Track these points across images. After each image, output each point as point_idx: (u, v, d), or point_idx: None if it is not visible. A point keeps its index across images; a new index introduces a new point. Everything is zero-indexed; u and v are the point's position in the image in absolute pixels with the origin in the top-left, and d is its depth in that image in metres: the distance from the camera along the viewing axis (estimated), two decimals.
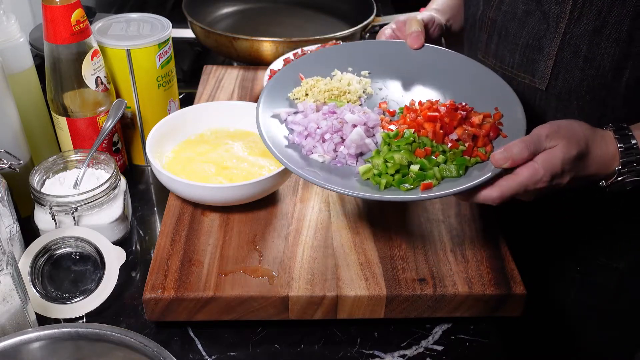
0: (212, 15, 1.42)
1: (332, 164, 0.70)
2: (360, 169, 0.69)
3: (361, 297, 0.70)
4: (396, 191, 0.65)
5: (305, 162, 0.69)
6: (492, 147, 0.70)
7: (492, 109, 0.75)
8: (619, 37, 0.72)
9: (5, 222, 0.70)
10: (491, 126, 0.71)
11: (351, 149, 0.69)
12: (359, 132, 0.70)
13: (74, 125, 0.85)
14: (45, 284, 0.73)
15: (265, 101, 0.76)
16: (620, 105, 0.77)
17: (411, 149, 0.69)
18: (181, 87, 1.06)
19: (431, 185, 0.65)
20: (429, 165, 0.67)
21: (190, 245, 0.75)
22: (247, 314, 0.70)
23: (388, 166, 0.68)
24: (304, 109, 0.76)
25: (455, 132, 0.70)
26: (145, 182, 0.97)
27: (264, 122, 0.72)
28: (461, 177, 0.67)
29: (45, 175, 0.80)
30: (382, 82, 0.84)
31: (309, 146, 0.71)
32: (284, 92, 0.79)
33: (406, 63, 0.83)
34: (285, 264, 0.73)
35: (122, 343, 0.54)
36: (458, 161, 0.68)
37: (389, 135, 0.71)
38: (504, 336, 0.73)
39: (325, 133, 0.71)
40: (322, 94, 0.78)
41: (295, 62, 0.82)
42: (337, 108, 0.75)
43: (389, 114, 0.78)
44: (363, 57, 0.84)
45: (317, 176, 0.66)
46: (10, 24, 0.80)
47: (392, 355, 0.70)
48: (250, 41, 1.16)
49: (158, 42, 0.89)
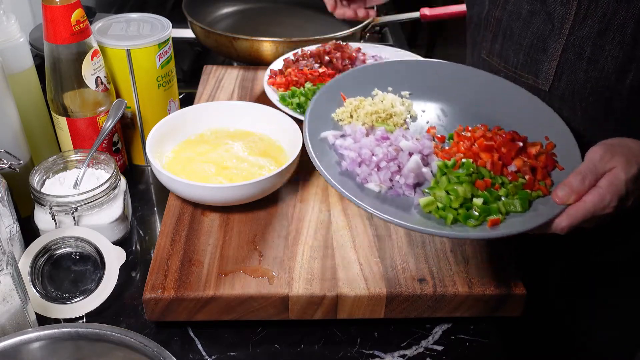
0: (212, 15, 1.42)
1: (389, 194, 0.67)
2: (421, 201, 0.66)
3: (361, 297, 0.70)
4: (463, 227, 0.62)
5: (361, 191, 0.66)
6: (552, 181, 0.68)
7: (540, 137, 0.73)
8: (623, 39, 0.72)
9: (5, 222, 0.70)
10: (547, 158, 0.69)
11: (409, 178, 0.67)
12: (416, 161, 0.68)
13: (74, 125, 0.85)
14: (45, 284, 0.73)
15: (311, 122, 0.71)
16: (624, 108, 0.76)
17: (471, 180, 0.66)
18: (181, 87, 1.06)
19: (498, 221, 0.63)
20: (491, 198, 0.65)
21: (190, 245, 0.75)
22: (247, 314, 0.70)
23: (452, 199, 0.65)
24: (352, 132, 0.73)
25: (514, 164, 0.68)
26: (145, 182, 0.97)
27: (313, 146, 0.68)
28: (526, 211, 0.65)
29: (45, 175, 0.80)
30: (423, 103, 0.81)
31: (364, 174, 0.68)
32: (326, 112, 0.76)
33: (445, 84, 0.81)
34: (285, 264, 0.73)
35: (122, 343, 0.54)
36: (521, 195, 0.66)
37: (446, 165, 0.69)
38: (504, 336, 0.73)
39: (381, 161, 0.68)
40: (368, 117, 0.76)
41: (334, 80, 0.79)
42: (388, 133, 0.72)
43: (439, 139, 0.75)
44: (402, 76, 0.82)
45: (381, 209, 0.62)
46: (10, 24, 0.80)
47: (392, 355, 0.70)
48: (250, 41, 1.16)
49: (158, 42, 0.89)
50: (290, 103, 1.00)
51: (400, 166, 0.68)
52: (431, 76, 0.82)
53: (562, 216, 0.62)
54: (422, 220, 0.64)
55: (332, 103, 0.77)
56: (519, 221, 0.63)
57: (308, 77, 1.04)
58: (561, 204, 0.63)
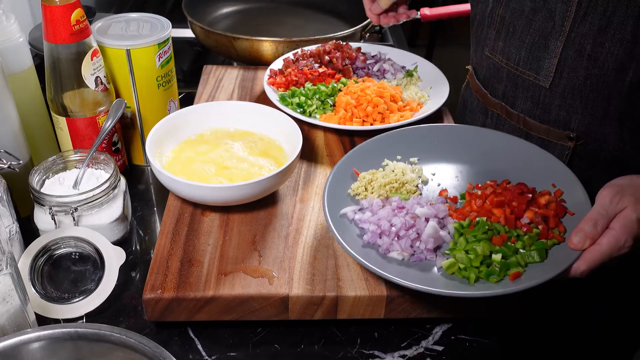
0: (212, 15, 1.42)
1: (412, 261, 0.70)
2: (443, 264, 0.68)
3: (361, 297, 0.69)
4: (487, 284, 0.65)
5: (386, 261, 0.69)
6: (564, 227, 0.70)
7: (546, 185, 0.75)
8: (623, 37, 0.72)
9: (4, 222, 0.70)
10: (557, 205, 0.71)
11: (429, 243, 0.70)
12: (434, 227, 0.71)
13: (74, 125, 0.85)
14: (44, 284, 0.73)
15: (329, 201, 0.75)
16: (624, 105, 0.77)
17: (487, 237, 0.69)
18: (181, 87, 1.06)
19: (519, 274, 0.65)
20: (509, 252, 0.67)
21: (190, 245, 0.75)
22: (247, 314, 0.70)
23: (472, 258, 0.67)
24: (369, 205, 0.76)
25: (526, 216, 0.71)
26: (145, 182, 0.96)
27: (334, 223, 0.72)
28: (544, 260, 0.67)
29: (44, 175, 0.80)
30: (433, 166, 0.84)
31: (385, 245, 0.71)
32: (342, 188, 0.79)
33: (450, 145, 0.85)
34: (285, 264, 0.73)
35: (122, 343, 0.54)
36: (537, 245, 0.68)
37: (462, 225, 0.71)
38: (504, 336, 0.73)
39: (400, 230, 0.71)
40: (382, 188, 0.79)
41: (345, 157, 0.82)
42: (403, 202, 0.76)
43: (451, 200, 0.78)
44: (409, 142, 0.86)
45: (407, 276, 0.65)
46: (10, 24, 0.80)
47: (392, 355, 0.70)
48: (250, 41, 1.16)
49: (158, 42, 0.89)
50: (290, 103, 1.00)
51: (419, 233, 0.71)
52: (436, 139, 0.86)
53: (579, 261, 0.64)
54: (446, 282, 0.66)
55: (346, 179, 0.81)
56: (538, 271, 0.65)
57: (308, 77, 1.05)
58: (578, 249, 0.64)
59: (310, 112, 0.99)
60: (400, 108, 1.00)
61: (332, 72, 1.06)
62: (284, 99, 1.01)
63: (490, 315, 0.73)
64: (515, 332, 0.74)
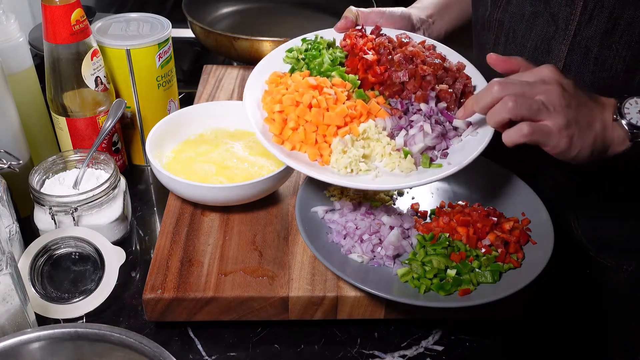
0: (212, 15, 1.42)
1: (370, 264, 0.71)
2: (398, 271, 0.70)
3: (361, 297, 0.69)
4: (436, 296, 0.67)
5: (344, 262, 0.71)
6: (524, 254, 0.72)
7: (516, 212, 0.77)
8: (630, 39, 0.71)
9: (4, 222, 0.70)
10: (521, 232, 0.73)
11: (389, 250, 0.71)
12: (396, 234, 0.73)
13: (74, 125, 0.85)
14: (44, 284, 0.73)
15: (303, 196, 0.77)
16: None
17: (446, 252, 0.71)
18: (181, 87, 1.06)
19: (469, 291, 0.67)
20: (464, 270, 0.69)
21: (190, 245, 0.75)
22: (247, 314, 0.70)
23: (426, 270, 0.69)
24: (341, 207, 0.77)
25: (488, 238, 0.72)
26: (145, 182, 0.96)
27: (302, 219, 0.74)
28: (496, 282, 0.69)
29: (44, 175, 0.80)
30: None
31: (347, 246, 0.73)
32: (319, 188, 0.80)
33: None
34: (285, 264, 0.73)
35: (122, 343, 0.54)
36: (492, 267, 0.70)
37: (424, 238, 0.73)
38: (504, 336, 0.73)
39: (364, 234, 0.73)
40: (356, 193, 0.80)
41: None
42: (373, 209, 0.77)
43: (421, 214, 0.79)
44: None
45: (358, 279, 0.67)
46: (9, 24, 0.80)
47: (392, 355, 0.70)
48: (250, 41, 1.16)
49: (158, 42, 0.89)
50: None
51: (382, 239, 0.73)
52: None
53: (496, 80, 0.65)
54: (399, 289, 0.68)
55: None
56: (489, 291, 0.67)
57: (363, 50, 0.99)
58: (469, 114, 0.68)
59: None
60: None
61: (376, 80, 0.79)
62: None
63: (490, 316, 0.73)
64: (515, 332, 0.74)
